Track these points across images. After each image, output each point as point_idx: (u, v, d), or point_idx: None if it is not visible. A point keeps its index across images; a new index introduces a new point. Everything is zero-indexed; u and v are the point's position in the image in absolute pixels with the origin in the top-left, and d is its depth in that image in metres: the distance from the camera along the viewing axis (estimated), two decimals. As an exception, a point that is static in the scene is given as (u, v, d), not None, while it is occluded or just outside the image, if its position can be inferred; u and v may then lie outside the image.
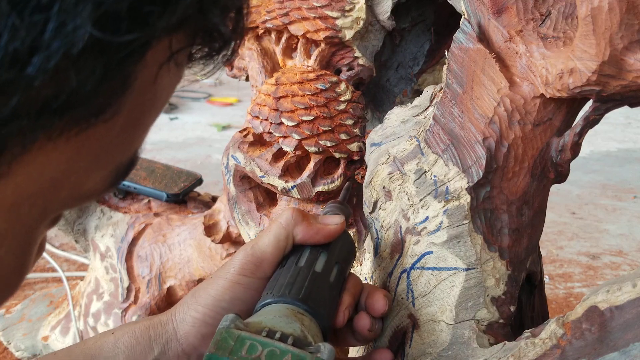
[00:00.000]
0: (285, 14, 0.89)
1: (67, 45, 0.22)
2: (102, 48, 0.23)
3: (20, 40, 0.21)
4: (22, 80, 0.22)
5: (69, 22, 0.22)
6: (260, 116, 0.80)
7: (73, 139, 0.25)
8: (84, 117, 0.25)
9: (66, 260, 1.58)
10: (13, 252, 0.28)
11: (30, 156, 0.25)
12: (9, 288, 0.29)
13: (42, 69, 0.22)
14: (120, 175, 0.30)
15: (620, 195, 2.14)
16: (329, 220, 0.55)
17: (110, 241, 1.13)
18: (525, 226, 0.56)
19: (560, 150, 0.54)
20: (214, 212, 1.03)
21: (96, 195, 0.29)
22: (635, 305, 0.45)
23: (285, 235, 0.53)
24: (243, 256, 0.52)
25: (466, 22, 0.55)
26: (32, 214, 0.27)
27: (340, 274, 0.54)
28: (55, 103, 0.23)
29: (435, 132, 0.57)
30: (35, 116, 0.23)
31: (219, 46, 0.29)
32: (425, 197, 0.57)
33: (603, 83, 0.47)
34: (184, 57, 0.28)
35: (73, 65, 0.23)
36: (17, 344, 1.25)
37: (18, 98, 0.22)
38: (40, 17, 0.21)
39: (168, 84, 0.29)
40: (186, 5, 0.24)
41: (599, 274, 1.63)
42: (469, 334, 0.53)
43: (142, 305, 1.09)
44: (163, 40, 0.26)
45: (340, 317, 0.52)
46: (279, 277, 0.51)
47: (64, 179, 0.27)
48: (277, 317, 0.46)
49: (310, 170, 0.78)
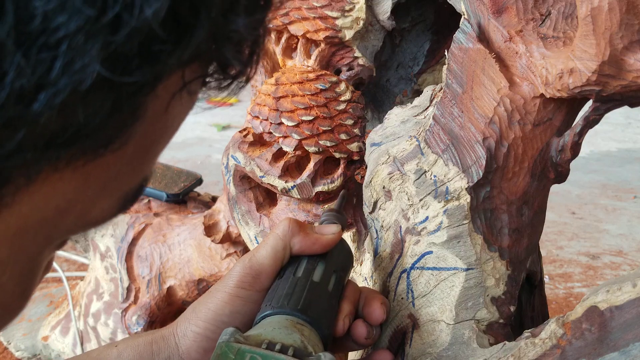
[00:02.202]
0: (285, 14, 0.89)
1: (75, 82, 0.21)
2: (111, 84, 0.22)
3: (26, 78, 0.21)
4: (28, 116, 0.22)
5: (77, 61, 0.21)
6: (260, 116, 0.80)
7: (80, 169, 0.25)
8: (92, 149, 0.24)
9: (66, 260, 1.58)
10: (15, 278, 0.27)
11: (35, 186, 0.24)
12: (11, 313, 0.29)
13: (48, 105, 0.22)
14: (129, 201, 0.29)
15: (620, 195, 2.14)
16: (326, 230, 0.55)
17: (110, 241, 1.13)
18: (525, 226, 0.56)
19: (560, 150, 0.54)
20: (214, 212, 1.03)
21: (103, 222, 0.29)
22: (635, 305, 0.45)
23: (283, 246, 0.53)
24: (241, 269, 0.52)
25: (466, 22, 0.55)
26: (36, 241, 0.27)
27: (338, 283, 0.54)
28: (62, 137, 0.23)
29: (435, 132, 0.57)
30: (41, 149, 0.23)
31: (234, 74, 0.28)
32: (425, 197, 0.57)
33: (603, 83, 0.47)
34: (197, 85, 0.28)
35: (81, 101, 0.22)
36: (17, 344, 1.25)
37: (24, 133, 0.22)
38: (47, 55, 0.21)
39: (180, 112, 0.28)
40: (199, 42, 0.24)
41: (599, 274, 1.63)
42: (469, 334, 0.53)
43: (142, 305, 1.09)
44: (176, 73, 0.25)
45: (340, 326, 0.52)
46: (277, 289, 0.51)
47: (70, 208, 0.26)
48: (277, 329, 0.45)
49: (310, 170, 0.78)
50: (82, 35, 0.21)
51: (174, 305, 1.11)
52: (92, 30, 0.21)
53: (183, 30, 0.23)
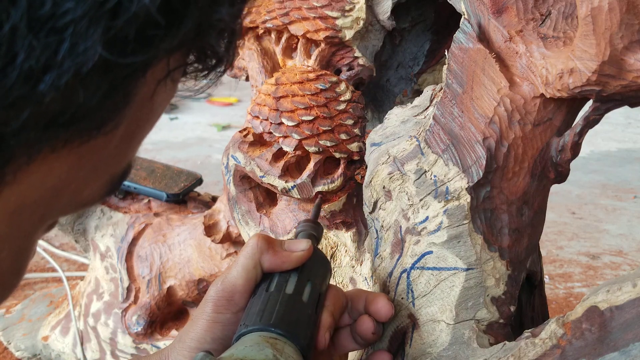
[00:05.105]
0: (285, 14, 0.89)
1: (78, 64, 0.23)
2: (108, 67, 0.24)
3: (35, 59, 0.23)
4: (34, 96, 0.23)
5: (80, 44, 0.23)
6: (260, 116, 0.80)
7: (75, 150, 0.27)
8: (87, 130, 0.26)
9: (66, 260, 1.58)
10: (12, 255, 0.29)
11: (35, 166, 0.26)
12: (7, 289, 0.31)
13: (53, 86, 0.23)
14: (115, 184, 0.31)
15: (620, 195, 2.14)
16: (295, 247, 0.54)
17: (110, 241, 1.13)
18: (525, 226, 0.56)
19: (560, 150, 0.54)
20: (214, 212, 1.03)
21: (92, 203, 0.31)
22: (635, 305, 0.45)
23: (253, 265, 0.53)
24: (214, 292, 0.52)
25: (466, 22, 0.55)
26: (32, 219, 0.29)
27: (314, 291, 0.53)
28: (62, 117, 0.25)
29: (435, 132, 0.57)
30: (43, 129, 0.25)
31: (213, 64, 0.30)
32: (425, 197, 0.57)
33: (603, 83, 0.47)
34: (179, 74, 0.30)
35: (81, 83, 0.24)
36: (17, 344, 1.25)
37: (29, 112, 0.24)
38: (54, 39, 0.23)
39: (163, 99, 0.30)
40: (187, 29, 0.26)
41: (599, 274, 1.63)
42: (469, 334, 0.53)
43: (142, 306, 1.09)
44: (163, 60, 0.27)
45: (321, 341, 0.51)
46: (251, 307, 0.51)
47: (64, 188, 0.28)
48: (249, 347, 0.45)
49: (310, 170, 0.78)
50: (86, 20, 0.23)
51: (174, 305, 1.11)
52: (96, 16, 0.23)
53: (174, 17, 0.25)
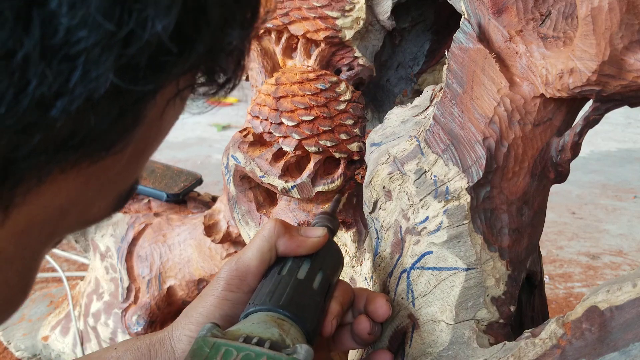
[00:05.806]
0: (285, 14, 0.89)
1: (90, 91, 0.24)
2: (119, 92, 0.25)
3: (47, 86, 0.23)
4: (46, 121, 0.24)
5: (92, 71, 0.23)
6: (260, 116, 0.80)
7: (83, 170, 0.27)
8: (97, 151, 0.26)
9: (66, 260, 1.58)
10: (19, 273, 0.29)
11: (44, 187, 0.26)
12: (14, 305, 0.31)
13: (64, 112, 0.24)
14: (122, 200, 0.32)
15: (620, 195, 2.14)
16: (311, 233, 0.55)
17: (110, 241, 1.13)
18: (525, 226, 0.56)
19: (560, 150, 0.54)
20: (214, 212, 1.03)
21: (100, 220, 0.32)
22: (635, 305, 0.45)
23: (269, 247, 0.53)
24: (228, 271, 0.53)
25: (466, 22, 0.55)
26: (40, 238, 0.29)
27: (325, 281, 0.54)
28: (72, 140, 0.25)
29: (435, 132, 0.57)
30: (53, 152, 0.25)
31: (222, 82, 0.30)
32: (425, 197, 0.57)
33: (603, 83, 0.47)
34: (188, 92, 0.30)
35: (92, 108, 0.24)
36: (17, 344, 1.25)
37: (40, 137, 0.24)
38: (67, 66, 0.23)
39: (172, 117, 0.31)
40: (198, 54, 0.26)
41: (599, 274, 1.63)
42: (469, 334, 0.53)
43: (142, 305, 1.09)
44: (173, 82, 0.28)
45: (327, 327, 0.52)
46: (262, 287, 0.51)
47: (72, 207, 0.28)
48: (256, 324, 0.46)
49: (310, 170, 0.78)
50: (98, 48, 0.23)
51: (174, 305, 1.11)
52: (108, 44, 0.23)
53: (186, 42, 0.25)
